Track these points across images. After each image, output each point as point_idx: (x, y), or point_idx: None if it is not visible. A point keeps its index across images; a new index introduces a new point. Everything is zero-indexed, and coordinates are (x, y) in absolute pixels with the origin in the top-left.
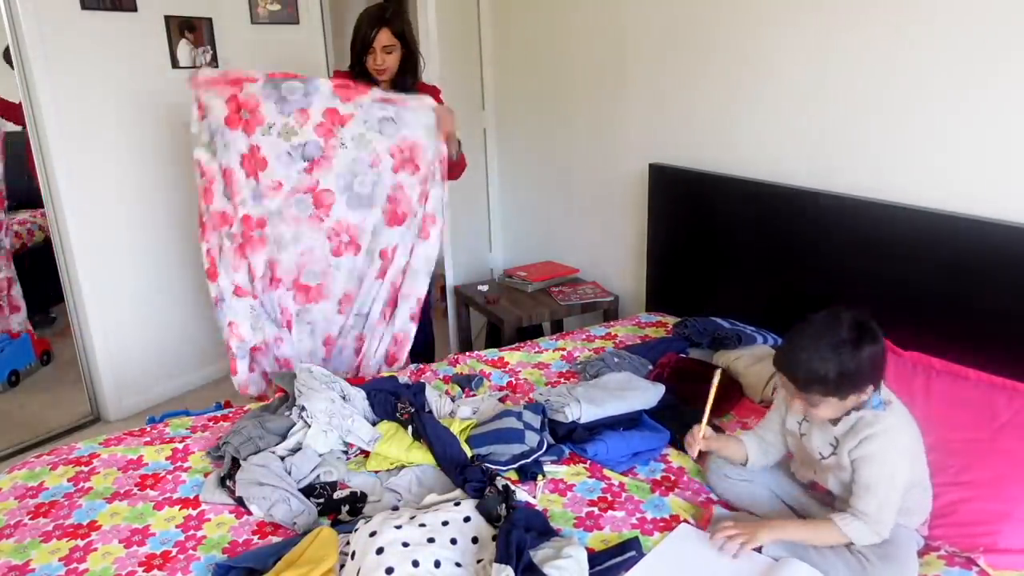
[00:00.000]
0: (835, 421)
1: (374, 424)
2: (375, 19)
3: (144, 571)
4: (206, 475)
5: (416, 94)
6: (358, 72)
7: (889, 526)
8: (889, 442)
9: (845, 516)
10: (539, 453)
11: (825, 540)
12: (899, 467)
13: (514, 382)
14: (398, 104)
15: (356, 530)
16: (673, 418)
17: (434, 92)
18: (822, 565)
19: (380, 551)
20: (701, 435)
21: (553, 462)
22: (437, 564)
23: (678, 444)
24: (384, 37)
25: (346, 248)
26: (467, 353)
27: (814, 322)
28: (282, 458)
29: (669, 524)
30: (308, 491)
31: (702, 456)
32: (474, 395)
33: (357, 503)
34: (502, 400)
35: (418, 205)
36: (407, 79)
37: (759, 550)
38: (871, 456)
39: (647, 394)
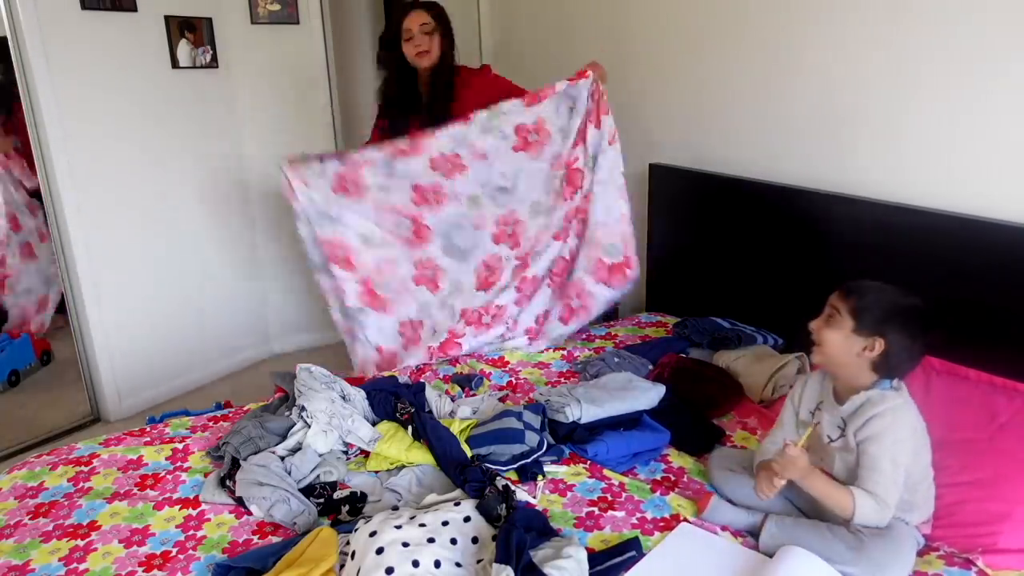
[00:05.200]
0: (842, 400)
1: (374, 424)
2: (407, 5)
3: (144, 571)
4: (206, 475)
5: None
6: (395, 95)
7: (892, 508)
8: (893, 422)
9: (860, 490)
10: (539, 453)
11: (836, 503)
12: (902, 447)
13: (514, 382)
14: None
15: (356, 530)
16: (673, 418)
17: (485, 73)
18: (821, 547)
19: (380, 551)
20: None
21: (553, 462)
22: (437, 564)
23: (678, 444)
24: (419, 16)
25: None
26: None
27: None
28: (282, 458)
29: (669, 524)
30: (308, 491)
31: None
32: (474, 395)
33: (357, 503)
34: (502, 400)
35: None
36: (447, 70)
37: (756, 539)
38: (876, 435)
39: (647, 394)
